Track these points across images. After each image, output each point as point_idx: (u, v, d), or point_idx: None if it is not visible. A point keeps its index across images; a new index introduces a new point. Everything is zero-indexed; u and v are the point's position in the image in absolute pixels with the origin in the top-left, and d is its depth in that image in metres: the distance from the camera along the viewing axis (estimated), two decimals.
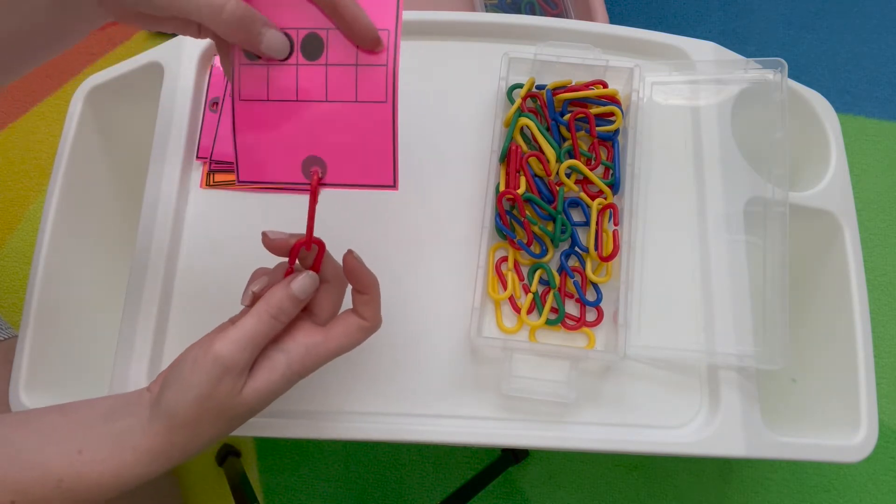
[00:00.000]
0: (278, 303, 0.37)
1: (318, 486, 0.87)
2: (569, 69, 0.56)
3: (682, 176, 0.55)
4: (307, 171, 0.39)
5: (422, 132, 0.56)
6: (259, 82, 0.38)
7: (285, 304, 0.37)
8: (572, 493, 0.88)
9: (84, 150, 0.59)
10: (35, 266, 0.55)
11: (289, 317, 0.38)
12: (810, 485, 0.87)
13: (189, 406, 0.35)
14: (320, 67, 0.38)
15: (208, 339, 0.36)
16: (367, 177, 0.39)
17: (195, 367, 0.35)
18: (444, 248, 0.53)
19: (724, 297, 0.51)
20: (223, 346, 0.35)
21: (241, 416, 0.37)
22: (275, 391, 0.37)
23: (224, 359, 0.35)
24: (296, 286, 0.38)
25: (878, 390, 0.52)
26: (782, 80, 0.53)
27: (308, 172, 0.39)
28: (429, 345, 0.51)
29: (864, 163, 1.04)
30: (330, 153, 0.39)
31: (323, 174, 0.39)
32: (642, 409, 0.49)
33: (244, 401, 0.36)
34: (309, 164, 0.39)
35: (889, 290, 0.97)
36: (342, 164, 0.39)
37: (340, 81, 0.38)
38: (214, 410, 0.36)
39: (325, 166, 0.39)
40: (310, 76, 0.38)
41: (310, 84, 0.38)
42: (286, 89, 0.39)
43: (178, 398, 0.35)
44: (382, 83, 0.38)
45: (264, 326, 0.36)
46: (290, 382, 0.38)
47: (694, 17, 1.14)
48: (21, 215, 1.01)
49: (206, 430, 0.36)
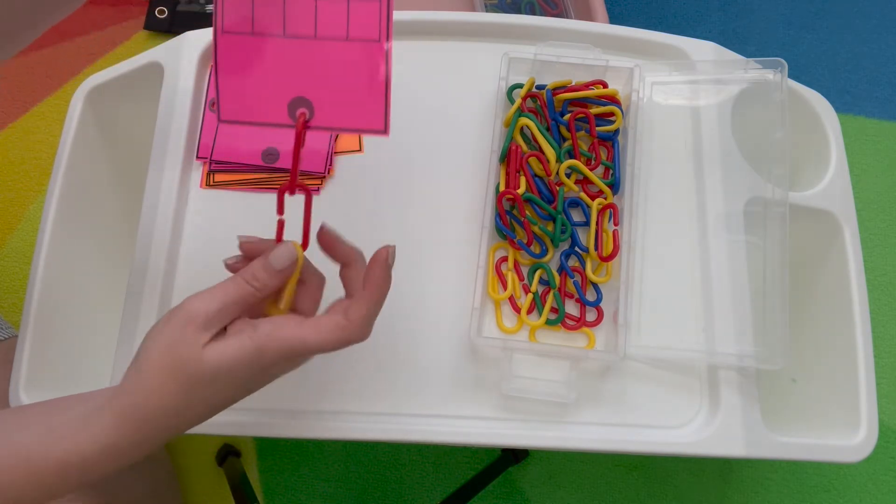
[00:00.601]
0: (253, 269, 0.37)
1: (318, 486, 0.87)
2: (569, 69, 0.56)
3: (682, 176, 0.55)
4: (293, 113, 0.38)
5: (422, 132, 0.56)
6: (244, 13, 0.36)
7: (259, 271, 0.37)
8: (572, 493, 0.88)
9: (84, 150, 0.59)
10: (35, 266, 0.55)
11: (263, 284, 0.37)
12: (810, 485, 0.87)
13: (156, 356, 0.34)
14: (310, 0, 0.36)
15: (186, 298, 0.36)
16: (357, 121, 0.37)
17: (167, 319, 0.35)
18: (444, 248, 0.53)
19: (724, 297, 0.51)
20: (195, 298, 0.35)
21: (203, 381, 0.35)
22: (238, 362, 0.35)
23: (192, 308, 0.35)
24: (272, 254, 0.37)
25: (878, 390, 0.52)
26: (782, 80, 0.53)
27: (294, 114, 0.38)
28: (429, 345, 0.51)
29: (864, 163, 1.04)
30: (318, 94, 0.37)
31: (310, 116, 0.37)
32: (642, 409, 0.49)
33: (206, 358, 0.34)
34: (296, 105, 0.37)
35: (889, 290, 0.97)
36: (330, 106, 0.37)
37: (331, 16, 0.36)
38: (178, 362, 0.34)
39: (312, 108, 0.37)
40: (298, 8, 0.36)
41: (298, 17, 0.36)
42: (273, 20, 0.37)
43: (148, 346, 0.35)
44: (375, 20, 0.36)
45: (237, 287, 0.36)
46: (255, 362, 0.35)
47: (694, 17, 1.14)
48: (21, 215, 1.01)
49: (170, 388, 0.34)
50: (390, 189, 0.54)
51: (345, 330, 0.37)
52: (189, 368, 0.34)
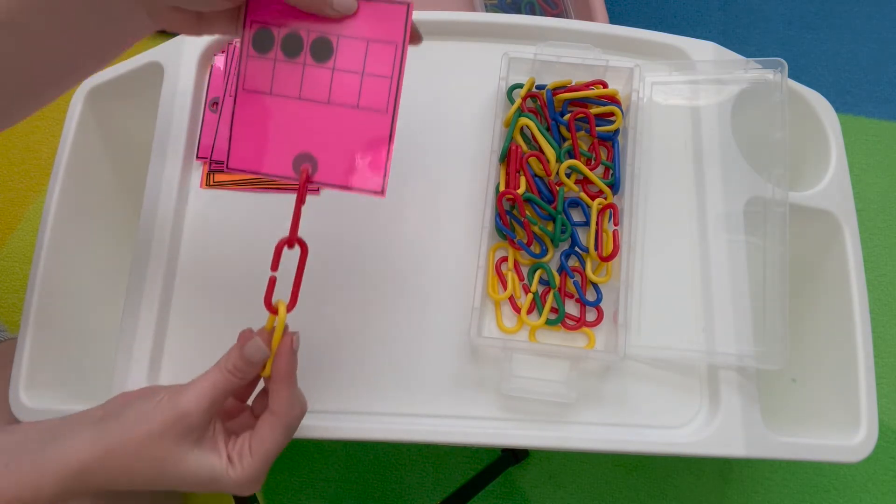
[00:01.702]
0: (233, 359, 0.38)
1: (318, 486, 0.87)
2: (569, 69, 0.56)
3: (682, 176, 0.55)
4: (297, 168, 0.40)
5: (422, 132, 0.56)
6: (265, 75, 0.39)
7: (237, 361, 0.38)
8: (572, 493, 0.87)
9: (84, 150, 0.59)
10: (35, 266, 0.55)
11: (243, 373, 0.38)
12: (810, 485, 0.87)
13: (136, 438, 0.36)
14: (327, 71, 0.39)
15: (177, 387, 0.38)
16: (356, 180, 0.40)
17: (159, 405, 0.36)
18: (444, 248, 0.53)
19: (724, 297, 0.51)
20: (185, 396, 0.37)
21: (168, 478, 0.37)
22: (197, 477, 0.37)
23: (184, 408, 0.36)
24: (245, 348, 0.38)
25: (878, 390, 0.52)
26: (782, 80, 0.53)
27: (298, 168, 0.40)
28: (429, 345, 0.51)
29: (864, 163, 1.04)
30: (323, 152, 0.40)
31: (313, 172, 0.40)
32: (642, 409, 0.49)
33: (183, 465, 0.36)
34: (300, 160, 0.40)
35: (889, 290, 0.97)
36: (333, 164, 0.40)
37: (345, 86, 0.39)
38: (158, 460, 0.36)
39: (315, 164, 0.40)
40: (315, 77, 0.39)
41: (314, 84, 0.39)
42: (290, 85, 0.39)
43: (129, 427, 0.36)
44: (385, 94, 0.39)
45: (222, 379, 0.38)
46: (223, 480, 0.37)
47: (694, 17, 1.14)
48: (21, 215, 1.01)
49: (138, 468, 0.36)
50: (390, 189, 0.54)
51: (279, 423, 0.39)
52: (167, 466, 0.36)
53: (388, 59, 0.39)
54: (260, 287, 0.39)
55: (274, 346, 0.39)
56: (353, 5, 0.38)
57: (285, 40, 0.39)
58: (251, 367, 0.39)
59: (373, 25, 0.39)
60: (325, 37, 0.39)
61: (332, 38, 0.39)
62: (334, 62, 0.39)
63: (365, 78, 0.39)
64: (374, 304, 0.52)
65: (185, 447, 0.36)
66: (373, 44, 0.39)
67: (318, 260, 0.53)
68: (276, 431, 0.38)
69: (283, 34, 0.39)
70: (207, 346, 0.51)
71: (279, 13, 0.39)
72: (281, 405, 0.39)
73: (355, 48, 0.39)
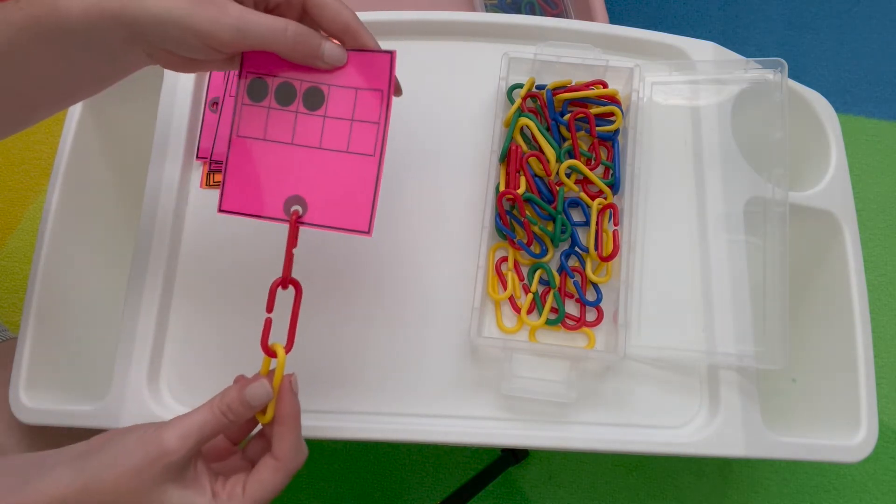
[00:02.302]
0: (229, 400, 0.38)
1: (318, 486, 0.87)
2: (569, 69, 0.56)
3: (682, 176, 0.55)
4: (288, 210, 0.41)
5: (422, 132, 0.56)
6: (258, 122, 0.41)
7: (234, 403, 0.38)
8: (572, 493, 0.87)
9: (84, 150, 0.59)
10: (35, 266, 0.55)
11: (238, 416, 0.38)
12: (810, 485, 0.87)
13: (115, 474, 0.35)
14: (318, 118, 0.41)
15: (162, 423, 0.37)
16: (344, 221, 0.41)
17: (140, 440, 0.36)
18: (444, 248, 0.53)
19: (724, 297, 0.51)
20: (171, 430, 0.36)
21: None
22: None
23: (168, 445, 0.36)
24: (248, 390, 0.38)
25: (878, 390, 0.52)
26: (782, 80, 0.53)
27: (289, 210, 0.41)
28: (429, 345, 0.51)
29: (864, 163, 1.04)
30: (313, 195, 0.41)
31: (303, 213, 0.41)
32: (642, 409, 0.49)
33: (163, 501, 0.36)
34: (291, 202, 0.41)
35: (889, 290, 0.97)
36: (322, 206, 0.41)
37: (335, 132, 0.41)
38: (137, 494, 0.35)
39: (305, 206, 0.41)
40: (307, 123, 0.41)
41: (306, 131, 0.41)
42: (283, 132, 0.41)
43: (110, 462, 0.36)
44: (373, 139, 0.41)
45: (215, 420, 0.37)
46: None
47: (694, 17, 1.14)
48: (21, 215, 1.01)
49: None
50: (390, 189, 0.54)
51: (282, 470, 0.38)
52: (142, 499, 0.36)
53: (375, 106, 0.41)
54: (259, 287, 0.39)
55: (275, 389, 0.39)
56: (344, 58, 0.40)
57: (279, 89, 0.41)
58: (249, 411, 0.38)
59: (361, 74, 0.40)
60: (316, 86, 0.41)
61: (324, 87, 0.41)
62: (325, 110, 0.41)
63: (354, 124, 0.41)
64: (374, 304, 0.52)
65: (165, 485, 0.36)
66: (361, 91, 0.41)
67: (318, 260, 0.53)
68: (277, 476, 0.38)
69: (277, 84, 0.41)
70: (207, 345, 0.51)
71: (273, 65, 0.40)
72: (285, 451, 0.38)
73: (345, 96, 0.41)
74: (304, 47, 0.38)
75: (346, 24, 0.39)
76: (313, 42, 0.38)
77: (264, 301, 0.40)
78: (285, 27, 0.37)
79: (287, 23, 0.37)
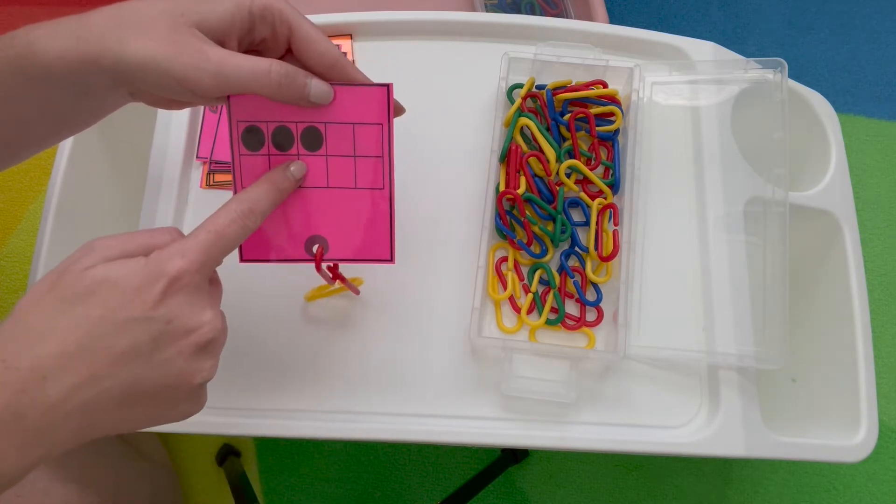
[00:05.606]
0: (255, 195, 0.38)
1: (318, 486, 0.87)
2: (569, 69, 0.56)
3: (682, 176, 0.55)
4: (310, 249, 0.42)
5: (422, 132, 0.56)
6: (261, 172, 0.40)
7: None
8: (572, 493, 0.87)
9: (84, 150, 0.59)
10: (35, 266, 0.55)
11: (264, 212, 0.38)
12: (810, 485, 0.87)
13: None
14: (321, 158, 0.40)
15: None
16: (367, 252, 0.42)
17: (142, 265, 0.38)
18: (444, 248, 0.53)
19: (724, 297, 0.51)
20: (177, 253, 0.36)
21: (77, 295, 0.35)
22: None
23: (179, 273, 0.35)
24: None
25: (878, 390, 0.52)
26: (782, 80, 0.53)
27: (311, 250, 0.42)
28: (429, 345, 0.51)
29: (864, 163, 1.04)
30: (331, 233, 0.42)
31: (326, 250, 0.42)
32: (642, 409, 0.49)
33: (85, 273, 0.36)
34: (312, 242, 0.42)
35: (889, 290, 0.97)
36: (343, 241, 0.42)
37: (340, 170, 0.41)
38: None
39: (327, 244, 0.42)
40: (311, 164, 0.41)
41: (311, 172, 0.41)
42: None
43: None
44: (379, 172, 0.41)
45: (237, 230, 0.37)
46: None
47: (694, 17, 1.14)
48: (21, 215, 1.01)
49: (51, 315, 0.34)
50: None
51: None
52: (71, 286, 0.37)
53: (375, 140, 0.40)
54: (259, 286, 0.39)
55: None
56: (330, 95, 0.39)
57: (276, 135, 0.40)
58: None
59: (357, 109, 0.39)
60: (313, 126, 0.40)
61: (320, 126, 0.40)
62: (325, 149, 0.40)
63: (357, 160, 0.41)
64: (374, 304, 0.52)
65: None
66: (359, 127, 0.40)
67: None
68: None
69: (273, 129, 0.40)
70: None
71: (263, 110, 0.39)
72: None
73: (343, 133, 0.40)
74: (290, 89, 0.37)
75: (335, 60, 0.38)
76: (299, 81, 0.37)
77: (264, 301, 0.40)
78: (268, 69, 0.36)
79: (270, 63, 0.36)
